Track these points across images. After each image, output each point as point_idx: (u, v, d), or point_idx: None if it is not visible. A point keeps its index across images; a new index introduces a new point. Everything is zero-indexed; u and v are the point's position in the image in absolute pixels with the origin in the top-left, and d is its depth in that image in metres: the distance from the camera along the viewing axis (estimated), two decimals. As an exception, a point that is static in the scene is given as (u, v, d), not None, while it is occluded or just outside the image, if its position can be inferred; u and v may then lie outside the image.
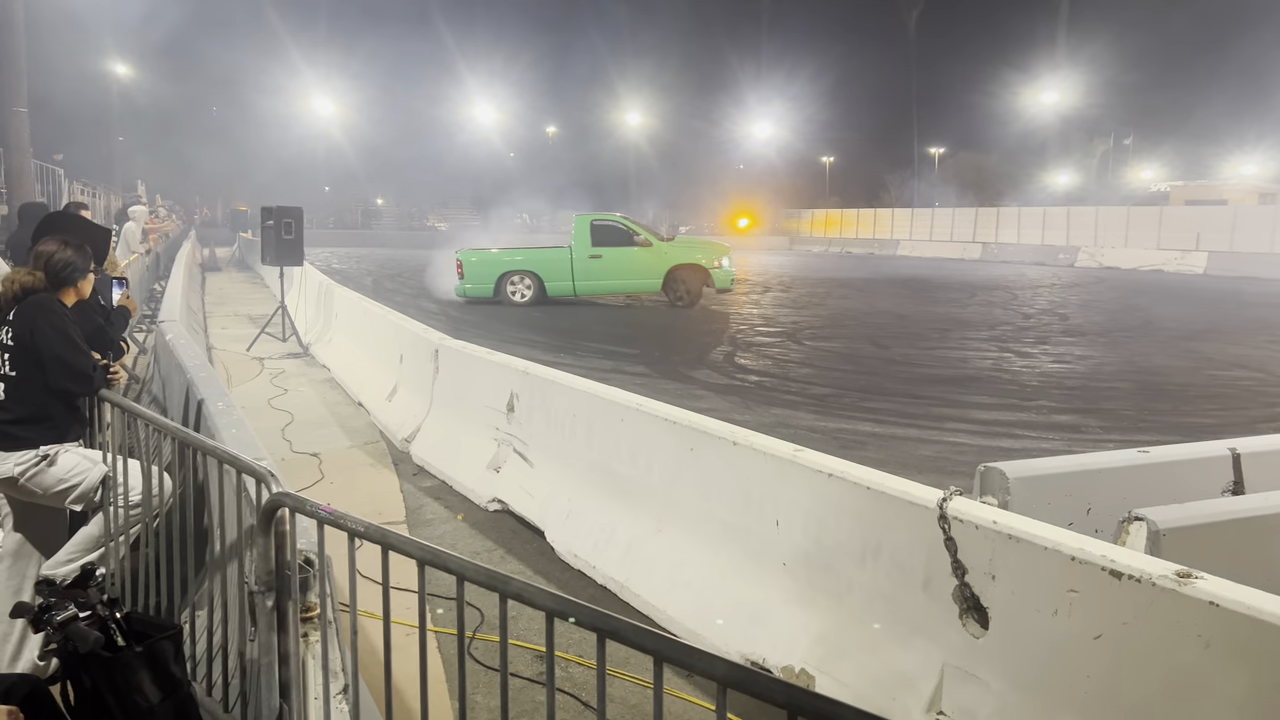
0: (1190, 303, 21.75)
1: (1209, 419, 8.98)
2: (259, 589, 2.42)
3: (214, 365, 10.55)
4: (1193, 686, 2.35)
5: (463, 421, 6.60)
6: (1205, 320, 17.83)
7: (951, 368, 12.01)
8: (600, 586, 4.63)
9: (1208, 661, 2.32)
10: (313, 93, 60.25)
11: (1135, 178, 59.12)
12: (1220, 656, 2.29)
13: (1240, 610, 2.26)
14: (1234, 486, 3.89)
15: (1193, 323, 17.37)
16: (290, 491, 2.41)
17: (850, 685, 3.31)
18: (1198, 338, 15.14)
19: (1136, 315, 18.80)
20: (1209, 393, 10.48)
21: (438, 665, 3.76)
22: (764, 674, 1.37)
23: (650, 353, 13.09)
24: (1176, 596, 2.38)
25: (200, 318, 15.00)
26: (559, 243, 20.29)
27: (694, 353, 13.09)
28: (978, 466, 3.65)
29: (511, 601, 1.75)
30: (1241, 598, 2.28)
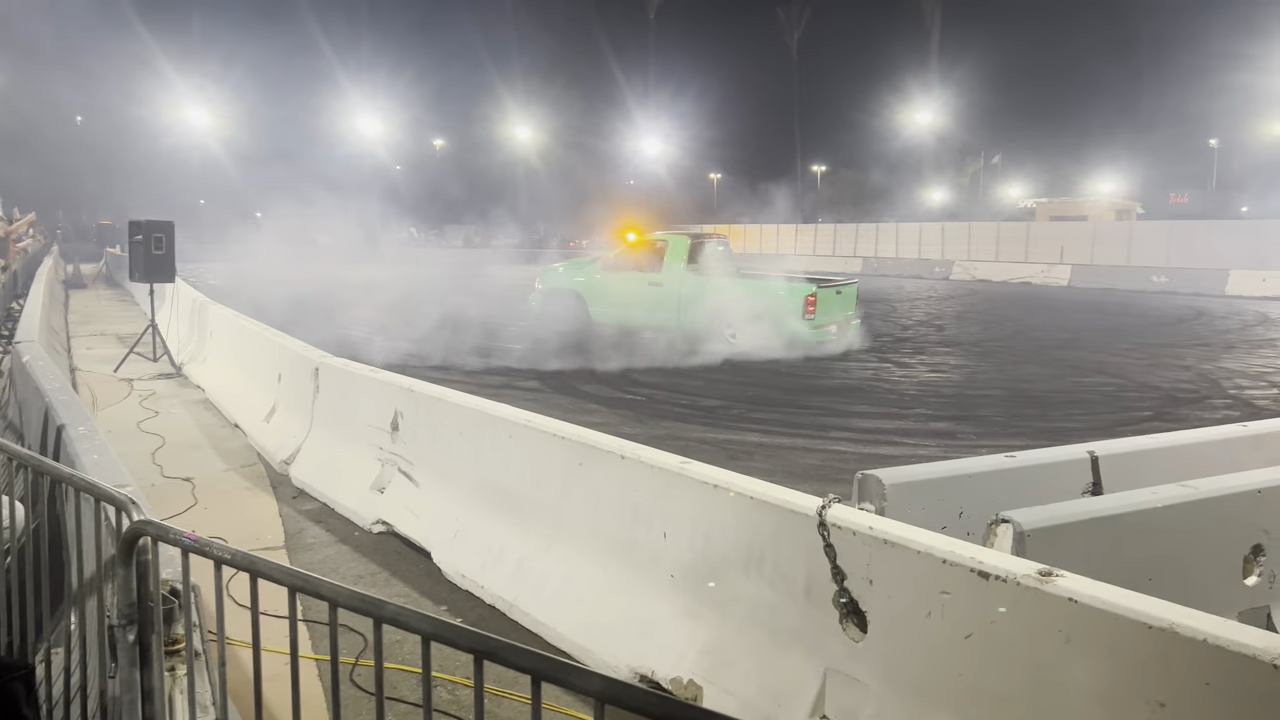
0: (1056, 313, 22.93)
1: (1073, 423, 9.47)
2: (120, 623, 2.30)
3: (77, 388, 10.02)
4: (1055, 680, 2.47)
5: (345, 441, 6.43)
6: (1069, 330, 18.81)
7: (834, 378, 12.33)
8: (489, 606, 4.57)
9: (1068, 655, 2.43)
10: (186, 103, 57.99)
11: (1005, 194, 62.16)
12: (1080, 650, 2.41)
13: (1097, 605, 2.38)
14: (1093, 487, 4.11)
15: (1058, 332, 18.31)
16: (153, 519, 2.30)
17: (737, 694, 3.35)
18: (1063, 346, 15.96)
19: (1007, 326, 19.72)
20: (1073, 398, 11.06)
21: (318, 694, 3.64)
22: (641, 689, 1.37)
23: (542, 368, 13.03)
24: (1039, 594, 2.49)
25: (63, 337, 14.22)
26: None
27: (587, 367, 13.08)
28: (855, 474, 3.75)
29: (393, 626, 1.70)
30: (1098, 593, 2.41)
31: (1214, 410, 10.22)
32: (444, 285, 23.35)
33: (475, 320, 17.72)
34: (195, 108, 58.27)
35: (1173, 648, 2.23)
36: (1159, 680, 2.26)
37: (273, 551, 5.38)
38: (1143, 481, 3.78)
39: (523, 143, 67.64)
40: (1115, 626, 2.33)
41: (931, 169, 64.23)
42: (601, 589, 4.12)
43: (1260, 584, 3.61)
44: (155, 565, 2.25)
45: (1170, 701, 2.23)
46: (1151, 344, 16.34)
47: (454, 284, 24.05)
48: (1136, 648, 2.29)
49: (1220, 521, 3.57)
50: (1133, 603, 2.34)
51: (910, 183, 62.00)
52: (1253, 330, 19.76)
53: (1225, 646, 2.14)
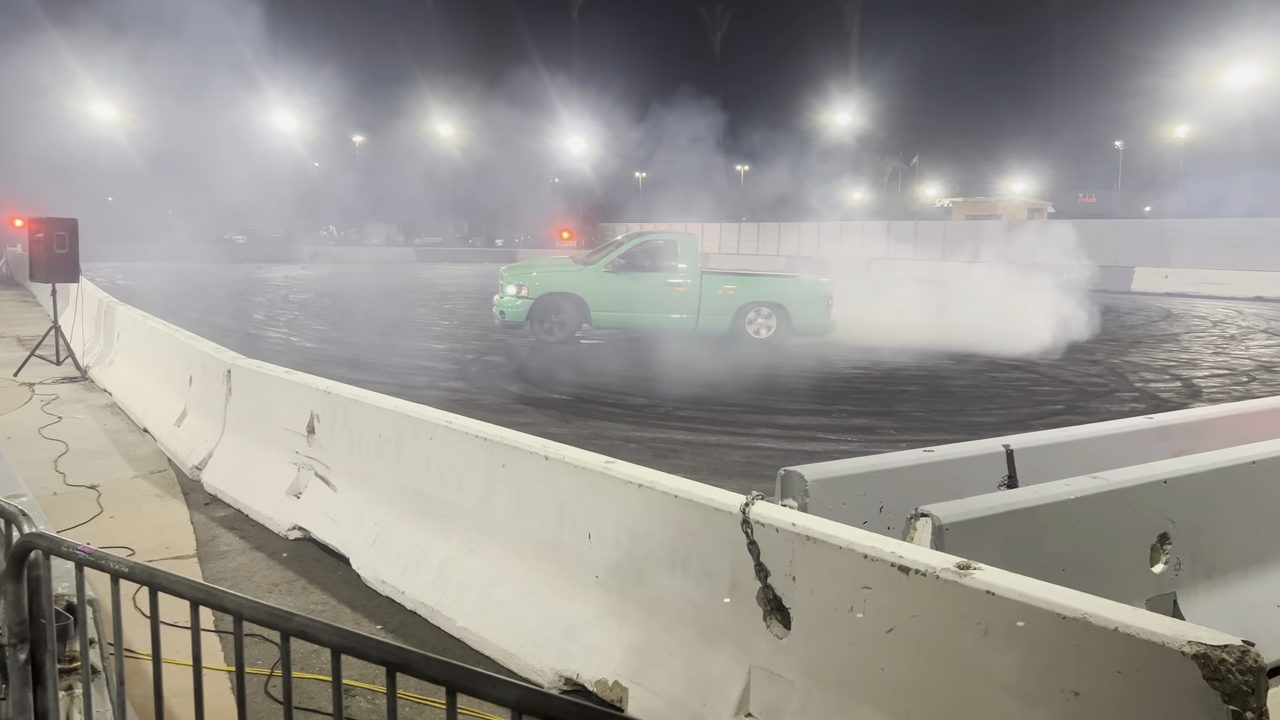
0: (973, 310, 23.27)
1: (989, 418, 9.70)
2: (10, 641, 2.17)
3: (-27, 393, 9.54)
4: (974, 672, 2.50)
5: (259, 446, 6.23)
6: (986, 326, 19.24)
7: (758, 375, 12.44)
8: (410, 612, 4.47)
9: (986, 647, 2.47)
10: (92, 96, 55.76)
11: (922, 194, 63.65)
12: (997, 641, 2.44)
13: (1013, 597, 2.41)
14: (1008, 480, 4.20)
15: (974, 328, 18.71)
16: (46, 531, 2.18)
17: (663, 694, 3.32)
18: (981, 343, 16.32)
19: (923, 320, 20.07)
20: (988, 394, 11.34)
21: (229, 707, 3.50)
22: (559, 697, 1.34)
23: (467, 368, 12.87)
24: (958, 588, 2.52)
25: (-42, 340, 13.54)
26: None
27: (511, 366, 12.97)
28: (778, 470, 3.77)
29: (301, 638, 1.64)
30: (1013, 585, 2.45)
31: (1122, 403, 10.59)
32: (376, 285, 22.81)
33: (425, 324, 17.39)
34: (102, 102, 56.08)
35: (1086, 637, 2.27)
36: (1073, 670, 2.30)
37: (184, 560, 5.18)
38: (1056, 473, 3.88)
39: (445, 140, 66.78)
40: (1031, 617, 2.37)
41: (851, 169, 65.37)
42: (526, 592, 4.06)
43: (1167, 572, 3.73)
44: (47, 580, 2.13)
45: (1084, 690, 2.27)
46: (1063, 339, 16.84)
47: (380, 283, 23.58)
48: (1051, 638, 2.33)
49: (1129, 511, 3.68)
50: (1047, 594, 2.38)
51: (831, 183, 63.01)
52: (1156, 325, 20.58)
53: (1135, 635, 2.18)
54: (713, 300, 15.25)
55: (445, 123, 66.33)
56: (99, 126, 55.86)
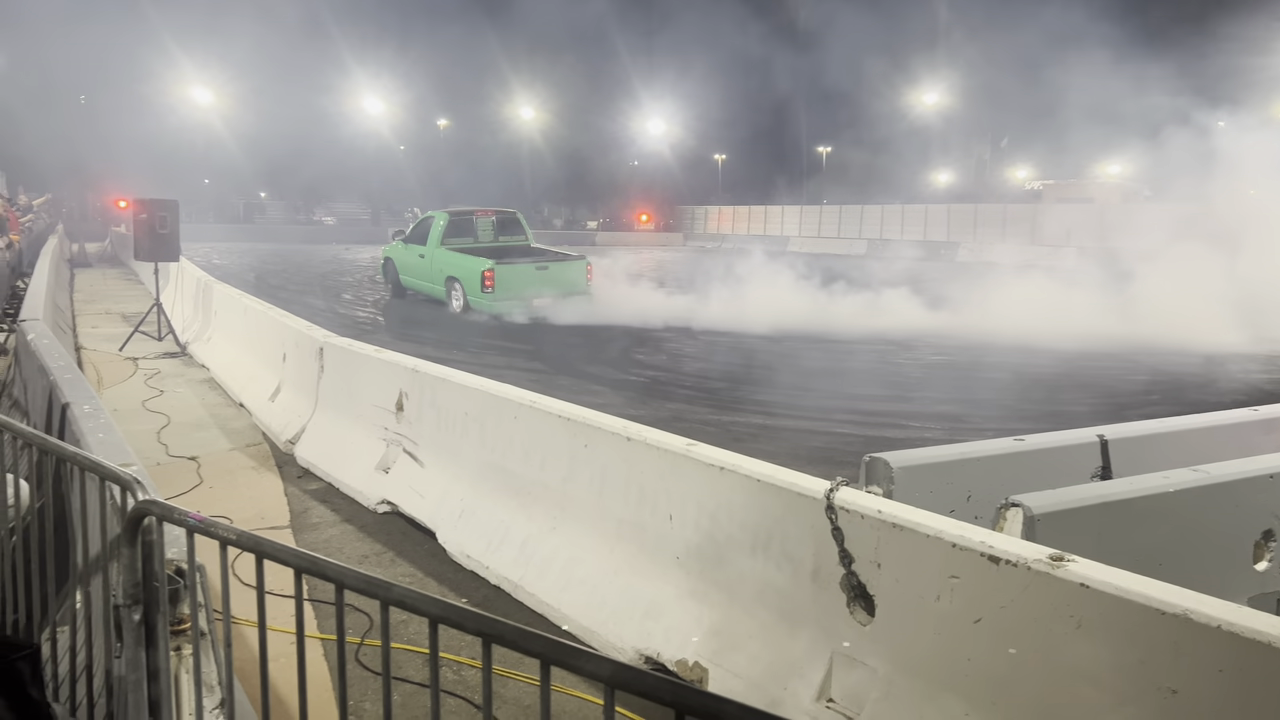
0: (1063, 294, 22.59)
1: (1081, 407, 9.43)
2: (125, 603, 2.29)
3: (83, 366, 10.03)
4: (1065, 665, 2.45)
5: (350, 422, 6.42)
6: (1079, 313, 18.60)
7: (839, 360, 12.29)
8: (494, 587, 4.56)
9: (1079, 641, 2.41)
10: (190, 82, 57.68)
11: (1011, 177, 61.84)
12: (1090, 636, 2.39)
13: (1109, 591, 2.36)
14: (1102, 471, 4.08)
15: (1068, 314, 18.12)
16: (158, 498, 2.28)
17: (743, 676, 3.34)
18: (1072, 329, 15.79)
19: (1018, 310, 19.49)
20: (1081, 382, 11.01)
21: (324, 673, 3.64)
22: (650, 673, 1.36)
23: (545, 349, 13.01)
24: (1050, 579, 2.47)
25: (68, 316, 14.21)
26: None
27: (589, 347, 13.06)
28: (863, 457, 3.73)
29: (400, 608, 1.69)
30: (1109, 579, 2.39)
31: (1223, 395, 10.17)
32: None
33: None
34: (199, 87, 57.99)
35: (1185, 634, 2.21)
36: (1170, 667, 2.24)
37: (278, 531, 5.38)
38: (1152, 466, 3.76)
39: (526, 123, 67.31)
40: (1127, 612, 2.31)
41: (938, 151, 63.85)
42: (607, 571, 4.11)
43: (1271, 569, 3.59)
44: (160, 545, 2.23)
45: (1182, 688, 2.21)
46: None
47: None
48: (1148, 634, 2.27)
49: (1232, 506, 3.55)
50: (1145, 588, 2.32)
51: (916, 165, 61.65)
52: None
53: (1239, 633, 2.11)
54: (434, 272, 17.32)
55: (527, 106, 66.79)
56: (196, 111, 57.79)
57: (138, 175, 42.00)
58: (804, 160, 68.81)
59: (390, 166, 62.84)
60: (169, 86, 56.90)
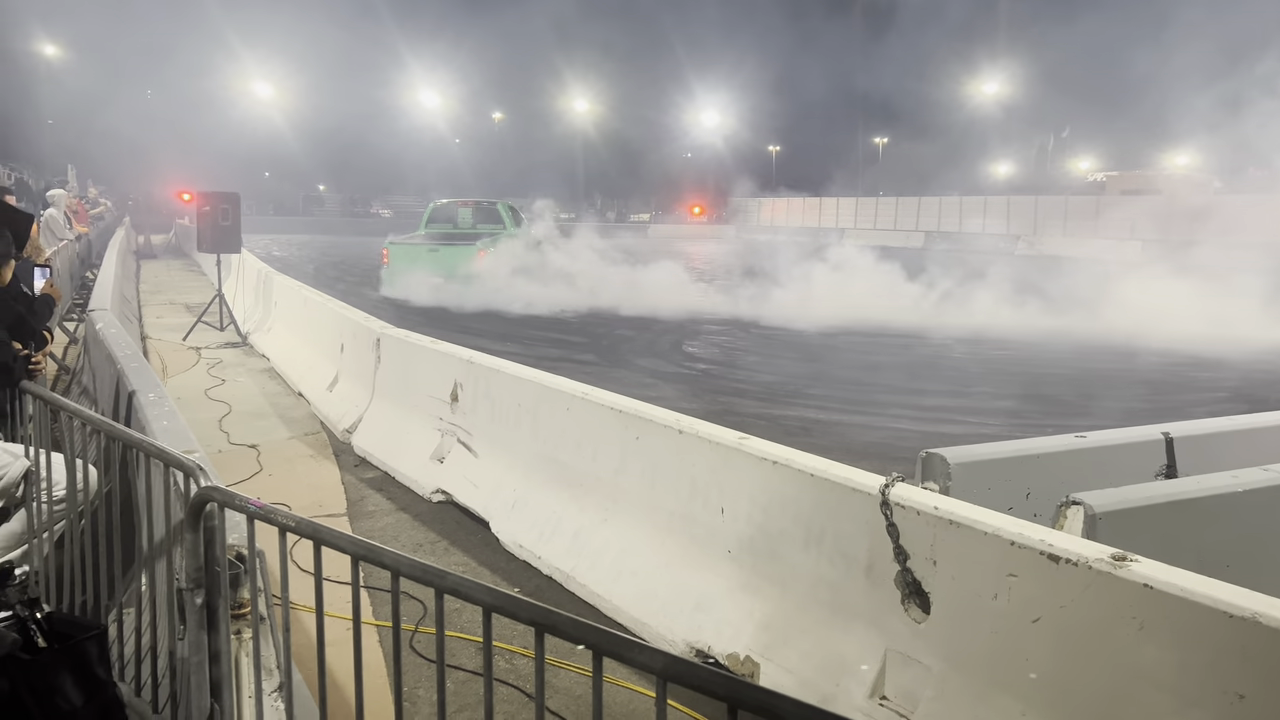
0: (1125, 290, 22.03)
1: (1143, 404, 9.20)
2: (188, 586, 2.35)
3: (148, 355, 10.29)
4: (1127, 668, 2.39)
5: (406, 412, 6.50)
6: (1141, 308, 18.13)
7: (893, 354, 12.15)
8: (546, 577, 4.59)
9: (1142, 643, 2.35)
10: (251, 76, 58.84)
11: (1074, 168, 60.42)
12: (1154, 638, 2.33)
13: (1173, 592, 2.29)
14: (1166, 470, 3.97)
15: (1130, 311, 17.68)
16: (220, 485, 2.34)
17: (794, 672, 3.32)
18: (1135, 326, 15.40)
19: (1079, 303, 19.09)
20: (1144, 378, 10.74)
21: (378, 659, 3.70)
22: (704, 666, 1.35)
23: (599, 341, 13.05)
24: (1112, 579, 2.41)
25: (134, 306, 14.60)
26: None
27: (642, 341, 13.07)
28: (919, 452, 3.67)
29: (455, 596, 1.71)
30: (1174, 580, 2.32)
31: (1291, 392, 9.84)
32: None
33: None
34: (260, 81, 59.11)
35: (1254, 638, 2.14)
36: (1238, 671, 2.17)
37: (335, 518, 5.47)
38: (1220, 465, 3.65)
39: (580, 115, 67.47)
40: (1193, 615, 2.25)
41: (997, 142, 62.62)
42: (658, 563, 4.11)
43: (1345, 573, 3.47)
44: (222, 531, 2.28)
45: (1250, 693, 2.14)
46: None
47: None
48: (1215, 637, 2.21)
49: (1303, 508, 3.43)
50: (1212, 590, 2.25)
51: (975, 156, 60.51)
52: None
53: (1312, 638, 2.04)
54: None
55: (581, 98, 66.93)
56: (258, 105, 58.87)
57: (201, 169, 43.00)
58: (859, 151, 68.06)
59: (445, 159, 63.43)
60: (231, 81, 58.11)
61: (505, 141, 65.76)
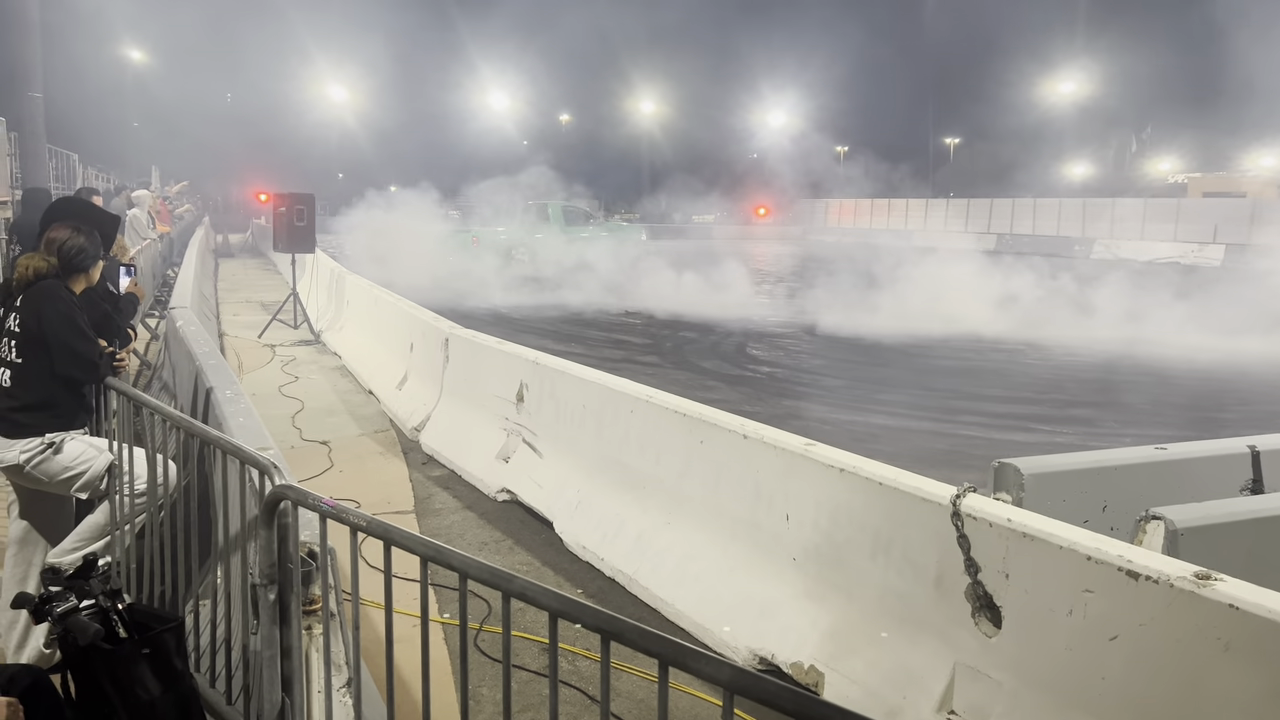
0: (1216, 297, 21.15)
1: (1228, 414, 8.88)
2: (262, 582, 2.40)
3: (225, 352, 10.58)
4: (1210, 690, 2.30)
5: (472, 411, 6.57)
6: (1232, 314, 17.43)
7: (963, 359, 11.91)
8: (608, 578, 4.60)
9: (1226, 665, 2.27)
10: (326, 79, 60.13)
11: (1153, 169, 58.61)
12: (1239, 660, 2.24)
13: (1260, 614, 2.20)
14: (1253, 485, 3.82)
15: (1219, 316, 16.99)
16: (293, 484, 2.38)
17: (860, 683, 3.27)
18: (1222, 330, 14.82)
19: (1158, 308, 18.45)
20: (1227, 387, 10.37)
21: (444, 657, 3.74)
22: (770, 680, 1.33)
23: (662, 343, 13.04)
24: (1195, 598, 2.33)
25: (213, 304, 15.02)
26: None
27: (706, 343, 13.03)
28: (992, 462, 3.59)
29: (521, 600, 1.71)
30: (1263, 600, 2.23)
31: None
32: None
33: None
34: (334, 84, 60.37)
35: (1348, 664, 2.04)
36: (1331, 699, 2.08)
37: (402, 515, 5.56)
38: (1311, 480, 3.50)
39: (647, 116, 67.53)
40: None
41: (1073, 141, 61.06)
42: (721, 568, 4.09)
43: None
44: (295, 528, 2.33)
45: (1344, 723, 2.05)
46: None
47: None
48: (1306, 662, 2.12)
49: (1401, 527, 3.27)
50: (1303, 613, 2.16)
51: (1049, 156, 59.09)
52: None
53: None
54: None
55: (648, 99, 67.00)
56: (332, 109, 60.13)
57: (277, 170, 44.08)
58: (930, 152, 66.93)
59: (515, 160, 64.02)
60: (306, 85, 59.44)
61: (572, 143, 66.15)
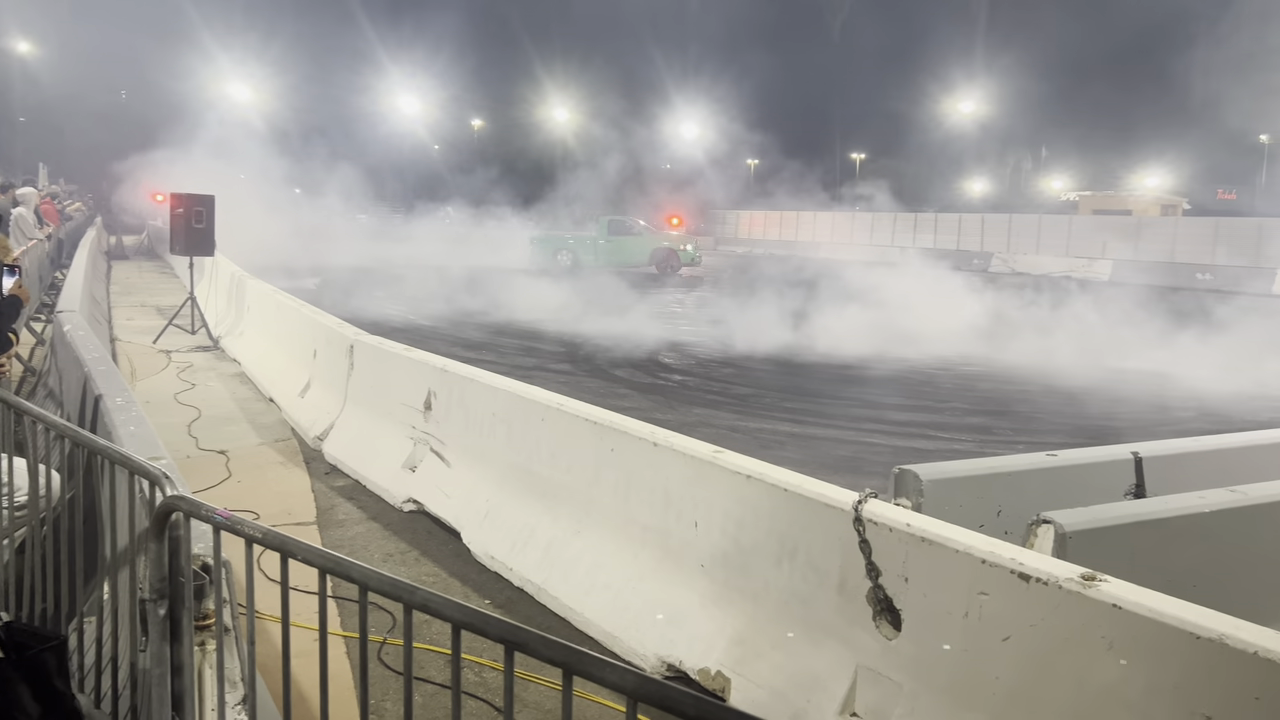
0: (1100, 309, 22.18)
1: (1115, 422, 9.29)
2: (151, 597, 2.30)
3: (117, 358, 10.16)
4: (1095, 687, 2.40)
5: (378, 419, 6.45)
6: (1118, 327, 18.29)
7: (869, 369, 12.20)
8: (517, 589, 4.56)
9: (1110, 662, 2.37)
10: (228, 79, 58.33)
11: (1047, 187, 61.18)
12: (1122, 658, 2.34)
13: (1142, 613, 2.31)
14: (1136, 490, 4.01)
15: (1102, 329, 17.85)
16: (186, 494, 2.30)
17: (766, 686, 3.31)
18: (1106, 344, 15.55)
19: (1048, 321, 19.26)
20: (1115, 396, 10.85)
21: (346, 671, 3.65)
22: (674, 686, 1.34)
23: (575, 351, 13.02)
24: (1081, 599, 2.43)
25: (104, 308, 14.41)
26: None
27: (619, 352, 13.05)
28: (892, 469, 3.69)
29: (424, 612, 1.68)
30: (1143, 600, 2.34)
31: (1260, 413, 9.98)
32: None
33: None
34: (237, 83, 58.61)
35: (1221, 659, 2.16)
36: (1205, 692, 2.19)
37: (304, 527, 5.41)
38: (1188, 485, 3.69)
39: (560, 124, 67.46)
40: (1161, 635, 2.27)
41: (973, 160, 63.32)
42: (630, 576, 4.09)
43: (1309, 594, 3.51)
44: (187, 541, 2.24)
45: (1216, 714, 2.16)
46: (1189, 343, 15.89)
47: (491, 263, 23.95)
48: (1182, 658, 2.22)
49: (1269, 528, 3.47)
50: (1180, 611, 2.27)
51: (950, 173, 61.17)
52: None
53: (1277, 660, 2.06)
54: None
55: (560, 107, 66.98)
56: (235, 108, 58.30)
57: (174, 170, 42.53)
58: (837, 167, 68.43)
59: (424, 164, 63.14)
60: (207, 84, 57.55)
61: (485, 149, 65.64)
